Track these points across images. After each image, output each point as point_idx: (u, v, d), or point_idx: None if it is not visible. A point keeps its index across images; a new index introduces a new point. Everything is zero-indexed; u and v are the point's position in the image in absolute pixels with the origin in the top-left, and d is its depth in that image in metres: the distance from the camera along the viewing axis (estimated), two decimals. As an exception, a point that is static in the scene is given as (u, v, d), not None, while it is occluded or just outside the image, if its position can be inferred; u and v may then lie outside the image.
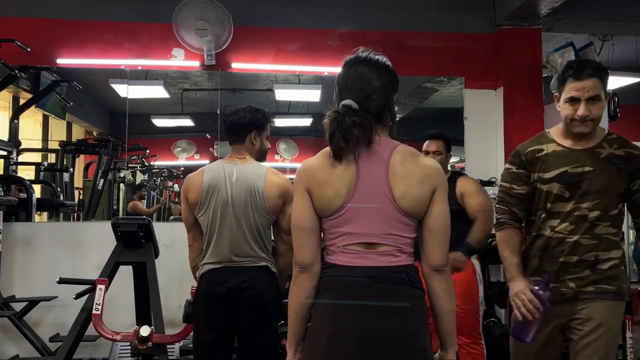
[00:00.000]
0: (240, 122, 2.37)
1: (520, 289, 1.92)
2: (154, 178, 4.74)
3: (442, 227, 1.44)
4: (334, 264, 1.43)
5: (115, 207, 4.49)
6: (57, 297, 3.58)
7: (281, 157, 4.53)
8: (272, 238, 2.40)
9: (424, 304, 1.44)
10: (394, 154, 1.42)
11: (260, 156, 2.44)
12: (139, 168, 4.48)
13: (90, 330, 2.75)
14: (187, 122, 4.58)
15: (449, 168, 3.34)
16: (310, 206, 1.44)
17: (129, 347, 3.40)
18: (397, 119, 1.58)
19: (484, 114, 4.33)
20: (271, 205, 2.28)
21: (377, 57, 1.51)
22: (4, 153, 3.87)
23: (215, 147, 4.27)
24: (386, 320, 1.35)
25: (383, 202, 1.39)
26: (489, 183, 4.25)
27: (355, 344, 1.34)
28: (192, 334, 2.47)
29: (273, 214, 2.30)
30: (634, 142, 2.13)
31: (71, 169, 4.34)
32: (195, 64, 4.11)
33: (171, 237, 3.74)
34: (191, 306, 2.40)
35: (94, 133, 4.67)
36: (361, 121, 1.39)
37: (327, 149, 1.47)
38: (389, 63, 1.52)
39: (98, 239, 3.69)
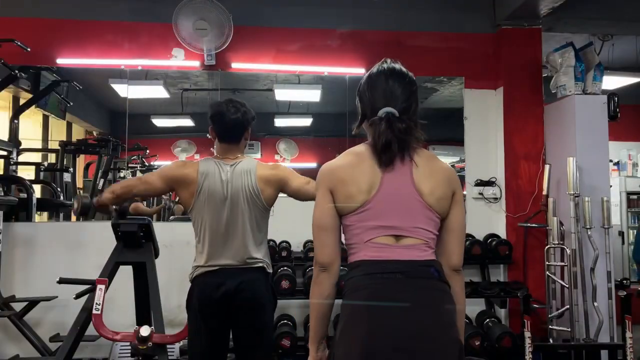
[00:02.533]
0: (245, 120, 2.32)
1: None
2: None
3: (462, 228, 1.54)
4: (362, 261, 1.45)
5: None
6: (57, 297, 3.58)
7: (281, 157, 4.53)
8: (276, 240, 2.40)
9: (452, 298, 1.47)
10: (415, 156, 1.49)
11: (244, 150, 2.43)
12: (139, 168, 4.47)
13: (90, 330, 2.75)
14: (187, 122, 4.57)
15: None
16: (331, 206, 1.48)
17: (129, 347, 3.40)
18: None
19: (484, 114, 4.33)
20: (266, 197, 2.28)
21: (406, 69, 1.59)
22: (4, 153, 3.87)
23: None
24: (423, 314, 1.38)
25: (409, 197, 1.45)
26: (489, 183, 4.25)
27: (395, 340, 1.34)
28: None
29: (268, 204, 2.30)
30: (634, 142, 2.05)
31: (71, 169, 4.33)
32: (195, 64, 4.12)
33: (171, 237, 3.75)
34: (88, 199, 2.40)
35: (94, 133, 4.67)
36: (409, 127, 1.47)
37: (353, 150, 1.54)
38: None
39: (98, 239, 3.69)
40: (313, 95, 4.39)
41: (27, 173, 4.25)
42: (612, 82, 5.45)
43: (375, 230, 1.44)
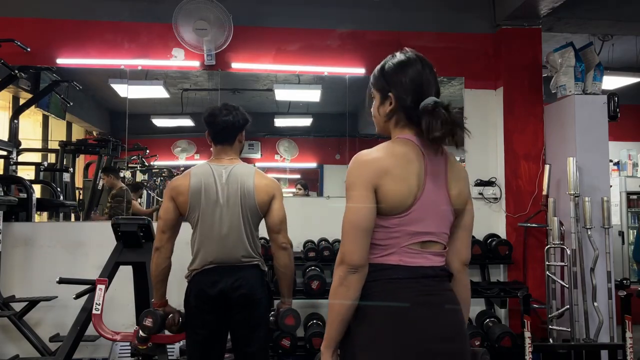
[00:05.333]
0: (236, 122, 2.37)
1: None
2: (154, 178, 4.74)
3: (472, 224, 1.55)
4: (397, 265, 1.39)
5: (115, 207, 4.49)
6: (57, 297, 3.58)
7: (281, 157, 4.53)
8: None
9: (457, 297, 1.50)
10: (448, 154, 1.48)
11: (240, 153, 2.47)
12: (139, 168, 4.48)
13: (90, 330, 2.75)
14: (187, 122, 4.57)
15: None
16: (374, 205, 1.36)
17: (129, 347, 3.40)
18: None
19: (484, 114, 4.33)
20: (260, 201, 2.30)
21: None
22: (4, 153, 3.87)
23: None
24: (452, 316, 1.42)
25: (443, 202, 1.43)
26: (489, 183, 4.25)
27: (427, 343, 1.35)
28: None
29: (261, 210, 2.32)
30: (634, 142, 2.06)
31: (71, 169, 4.33)
32: (195, 64, 4.12)
33: (171, 237, 3.74)
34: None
35: (94, 133, 4.67)
36: (461, 118, 1.42)
37: (386, 146, 1.43)
38: None
39: (98, 239, 3.69)
40: (313, 95, 4.39)
41: (27, 173, 4.25)
42: (612, 82, 5.45)
43: (414, 236, 1.39)
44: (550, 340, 3.67)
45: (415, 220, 1.38)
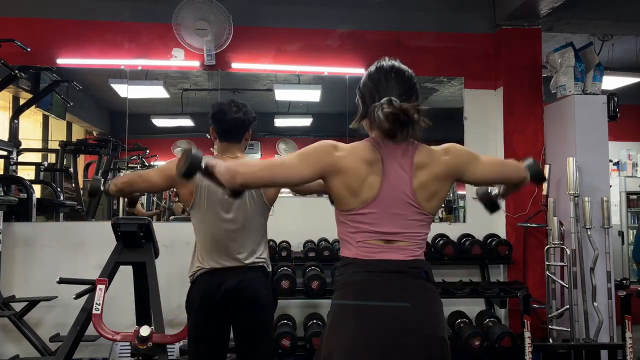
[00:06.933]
0: (246, 120, 2.32)
1: None
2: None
3: (493, 165, 1.65)
4: (354, 259, 1.46)
5: (115, 207, 4.49)
6: (57, 297, 3.58)
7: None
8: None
9: (440, 298, 1.49)
10: (417, 152, 1.50)
11: (244, 151, 2.43)
12: (139, 168, 4.48)
13: (90, 330, 2.75)
14: (187, 122, 4.57)
15: None
16: (311, 176, 1.50)
17: (129, 347, 3.40)
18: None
19: (484, 114, 4.33)
20: (268, 196, 2.28)
21: (405, 66, 1.58)
22: (4, 153, 3.87)
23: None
24: (409, 313, 1.40)
25: (405, 203, 1.46)
26: (489, 183, 4.25)
27: (380, 336, 1.37)
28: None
29: (270, 203, 2.31)
30: (634, 142, 2.06)
31: (71, 169, 4.33)
32: (195, 64, 4.12)
33: (171, 237, 3.75)
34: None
35: (94, 133, 4.67)
36: (412, 106, 1.44)
37: (355, 144, 1.53)
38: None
39: (98, 239, 3.69)
40: (313, 95, 4.39)
41: (27, 173, 4.25)
42: (612, 82, 5.45)
43: (369, 234, 1.46)
44: (550, 340, 3.67)
45: (371, 221, 1.46)
